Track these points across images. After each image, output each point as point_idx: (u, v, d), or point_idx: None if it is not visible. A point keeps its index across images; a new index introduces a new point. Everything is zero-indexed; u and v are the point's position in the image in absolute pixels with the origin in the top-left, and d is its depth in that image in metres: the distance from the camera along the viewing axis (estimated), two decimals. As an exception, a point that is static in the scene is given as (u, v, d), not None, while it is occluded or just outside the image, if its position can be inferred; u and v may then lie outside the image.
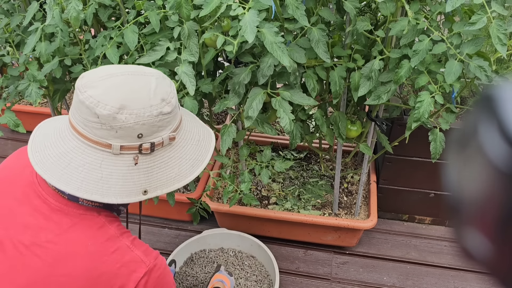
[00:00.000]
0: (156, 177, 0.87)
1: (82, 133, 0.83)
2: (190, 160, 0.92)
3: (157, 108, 0.83)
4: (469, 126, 0.35)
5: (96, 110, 0.79)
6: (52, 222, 0.84)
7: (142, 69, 0.88)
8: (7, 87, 1.44)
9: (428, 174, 1.71)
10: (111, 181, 0.83)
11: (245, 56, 1.19)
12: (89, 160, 0.83)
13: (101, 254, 0.83)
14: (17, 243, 0.82)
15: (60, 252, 0.81)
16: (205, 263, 1.60)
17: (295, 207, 1.74)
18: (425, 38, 1.10)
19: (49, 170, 0.83)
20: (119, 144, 0.82)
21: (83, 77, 0.84)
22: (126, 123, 0.80)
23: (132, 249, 0.85)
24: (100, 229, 0.85)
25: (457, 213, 0.36)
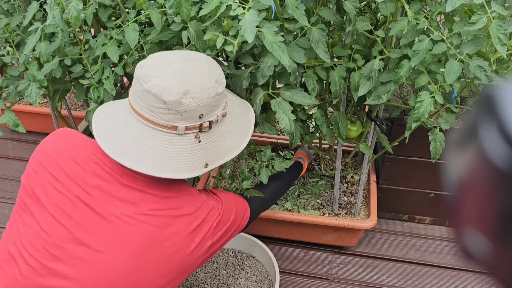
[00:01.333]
0: (213, 151, 0.98)
1: (148, 119, 0.92)
2: (238, 132, 1.04)
3: (213, 89, 0.93)
4: (469, 126, 0.35)
5: (163, 97, 0.88)
6: (148, 194, 0.94)
7: (192, 54, 0.98)
8: (7, 87, 1.44)
9: (428, 174, 1.71)
10: (179, 159, 0.94)
11: (245, 58, 1.19)
12: (157, 142, 0.92)
13: (193, 211, 0.96)
14: (121, 215, 0.91)
15: (164, 217, 0.92)
16: (205, 263, 1.60)
17: (295, 207, 1.74)
18: (425, 38, 1.10)
19: (123, 154, 0.92)
20: (184, 125, 0.92)
21: (142, 66, 0.93)
22: (190, 106, 0.90)
23: (208, 201, 1.01)
24: (187, 193, 0.99)
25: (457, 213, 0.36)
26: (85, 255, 0.88)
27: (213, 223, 1.00)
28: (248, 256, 1.63)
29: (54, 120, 1.69)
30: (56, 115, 1.68)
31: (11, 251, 0.91)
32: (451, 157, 0.36)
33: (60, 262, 0.88)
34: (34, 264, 0.88)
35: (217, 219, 1.01)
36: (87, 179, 0.93)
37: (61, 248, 0.89)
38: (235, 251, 1.65)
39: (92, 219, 0.91)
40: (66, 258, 0.88)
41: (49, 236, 0.89)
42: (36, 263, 0.88)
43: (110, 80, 1.28)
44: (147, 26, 1.31)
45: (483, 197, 0.33)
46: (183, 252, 0.94)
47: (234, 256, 1.63)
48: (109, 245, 0.89)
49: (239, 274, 1.57)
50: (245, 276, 1.56)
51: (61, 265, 0.88)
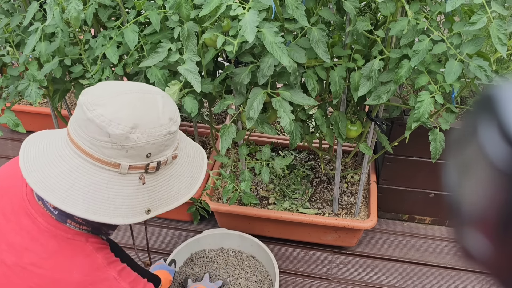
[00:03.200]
0: (159, 195, 0.87)
1: (88, 152, 0.80)
2: (188, 178, 0.93)
3: (166, 127, 0.83)
4: (469, 126, 0.35)
5: (108, 129, 0.77)
6: (38, 244, 0.81)
7: (145, 87, 0.87)
8: (7, 87, 1.44)
9: (428, 174, 1.71)
10: (118, 201, 0.82)
11: (245, 56, 1.19)
12: (95, 180, 0.81)
13: (86, 284, 0.81)
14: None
15: (43, 277, 0.80)
16: (205, 263, 1.60)
17: (293, 206, 1.74)
18: (425, 38, 1.10)
19: (52, 191, 0.80)
20: (127, 164, 0.81)
21: (87, 94, 0.81)
22: (138, 142, 0.79)
23: (118, 281, 0.84)
24: (87, 257, 0.83)
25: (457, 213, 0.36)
26: None
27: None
28: (248, 256, 1.63)
29: (54, 120, 1.69)
30: (56, 115, 1.68)
31: None
32: (451, 157, 0.36)
33: None
34: None
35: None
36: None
37: None
38: (235, 251, 1.65)
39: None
40: None
41: None
42: None
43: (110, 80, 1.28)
44: (147, 26, 1.31)
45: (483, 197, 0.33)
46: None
47: (234, 256, 1.63)
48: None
49: (239, 274, 1.57)
50: (245, 276, 1.56)
51: None
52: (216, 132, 1.54)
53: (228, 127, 1.26)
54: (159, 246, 1.80)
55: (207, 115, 2.20)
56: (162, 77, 1.23)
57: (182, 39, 1.15)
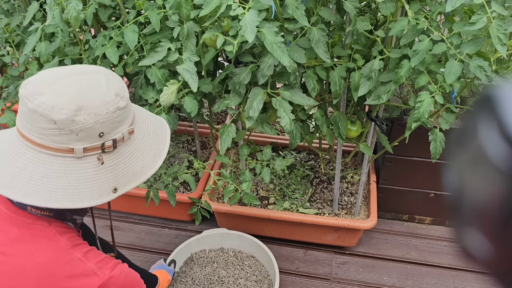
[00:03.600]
0: (122, 173, 0.86)
1: (38, 143, 0.79)
2: (151, 151, 0.92)
3: (113, 103, 0.81)
4: (469, 126, 0.35)
5: (52, 116, 0.76)
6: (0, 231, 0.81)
7: (87, 67, 0.86)
8: (7, 87, 1.44)
9: (428, 174, 1.71)
10: (80, 186, 0.81)
11: (245, 56, 1.19)
12: (52, 169, 0.80)
13: (49, 267, 0.80)
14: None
15: (7, 264, 0.79)
16: (205, 263, 1.60)
17: (293, 206, 1.74)
18: (425, 38, 1.10)
19: (10, 187, 0.79)
20: (81, 147, 0.80)
21: (26, 84, 0.80)
22: (86, 123, 0.78)
23: (84, 262, 0.83)
24: (49, 241, 0.83)
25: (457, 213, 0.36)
26: None
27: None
28: (248, 256, 1.63)
29: (54, 120, 1.69)
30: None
31: None
32: (451, 157, 0.36)
33: None
34: None
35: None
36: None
37: None
38: (235, 251, 1.65)
39: None
40: None
41: None
42: None
43: (110, 80, 1.28)
44: (147, 26, 1.31)
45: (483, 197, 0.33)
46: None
47: (234, 256, 1.63)
48: None
49: (239, 274, 1.57)
50: (245, 276, 1.56)
51: None
52: (216, 132, 1.54)
53: (228, 127, 1.26)
54: (159, 246, 1.80)
55: (207, 115, 2.20)
56: (162, 77, 1.23)
57: (182, 39, 1.15)
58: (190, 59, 1.15)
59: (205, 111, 2.22)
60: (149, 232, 1.85)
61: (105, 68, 0.88)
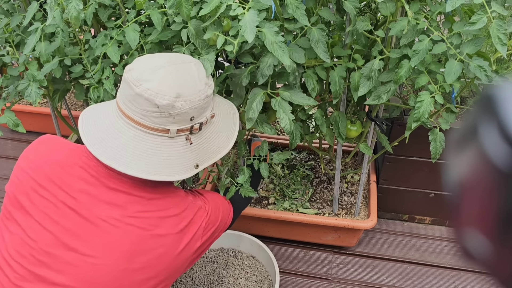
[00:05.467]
0: (203, 151, 1.00)
1: (140, 123, 0.92)
2: (225, 132, 1.06)
3: (204, 92, 0.95)
4: (469, 126, 0.35)
5: (156, 101, 0.88)
6: (134, 196, 0.93)
7: (180, 56, 0.99)
8: (7, 87, 1.44)
9: (428, 174, 1.71)
10: (171, 161, 0.94)
11: (245, 57, 1.19)
12: (150, 146, 0.93)
13: (180, 212, 0.97)
14: (108, 219, 0.91)
15: (151, 218, 0.93)
16: (205, 263, 1.60)
17: (293, 206, 1.74)
18: (425, 38, 1.10)
19: (116, 159, 0.91)
20: (175, 128, 0.93)
21: (131, 70, 0.92)
22: (182, 109, 0.91)
23: (195, 202, 1.02)
24: (174, 194, 0.99)
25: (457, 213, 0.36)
26: (73, 260, 0.87)
27: (202, 223, 1.01)
28: (248, 256, 1.63)
29: (54, 120, 1.69)
30: (56, 115, 1.68)
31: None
32: (451, 157, 0.36)
33: (49, 269, 0.87)
34: (21, 271, 0.87)
35: (205, 219, 1.02)
36: (73, 183, 0.92)
37: (48, 254, 0.87)
38: (235, 251, 1.65)
39: (79, 223, 0.90)
40: (55, 264, 0.87)
41: (35, 243, 0.88)
42: (24, 270, 0.87)
43: (110, 80, 1.28)
44: (147, 26, 1.31)
45: (483, 197, 0.33)
46: (172, 253, 0.94)
47: (234, 256, 1.63)
48: (97, 249, 0.88)
49: (239, 274, 1.57)
50: (245, 276, 1.56)
51: (50, 271, 0.87)
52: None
53: (228, 127, 1.26)
54: (159, 246, 1.79)
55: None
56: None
57: (192, 39, 1.14)
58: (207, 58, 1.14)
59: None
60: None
61: (193, 58, 1.02)
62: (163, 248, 0.93)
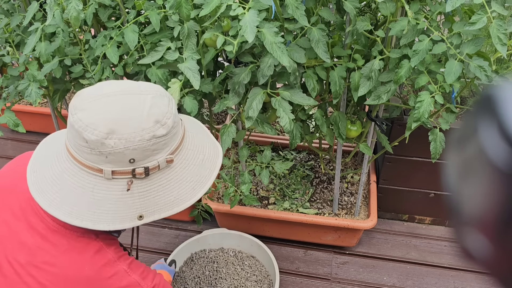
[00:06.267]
0: (153, 201, 0.82)
1: (74, 156, 0.80)
2: (191, 182, 0.86)
3: (149, 131, 0.78)
4: (469, 126, 0.34)
5: (84, 135, 0.76)
6: (48, 242, 0.81)
7: (139, 86, 0.83)
8: (7, 87, 1.44)
9: (428, 174, 1.71)
10: (104, 207, 0.79)
11: (245, 56, 1.19)
12: (81, 184, 0.79)
13: (98, 279, 0.80)
14: (12, 261, 0.81)
15: (56, 275, 0.79)
16: (205, 263, 1.60)
17: (293, 206, 1.74)
18: (425, 38, 1.10)
19: (42, 192, 0.80)
20: (110, 169, 0.78)
21: (77, 96, 0.80)
22: (116, 148, 0.76)
23: (129, 274, 0.83)
24: (98, 253, 0.82)
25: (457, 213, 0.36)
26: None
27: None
28: (248, 256, 1.63)
29: (54, 120, 1.69)
30: (56, 115, 1.68)
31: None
32: (451, 157, 0.36)
33: None
34: None
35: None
36: (1, 212, 0.85)
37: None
38: (235, 251, 1.65)
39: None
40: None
41: None
42: None
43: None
44: (147, 26, 1.31)
45: (483, 197, 0.33)
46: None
47: (234, 256, 1.63)
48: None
49: (239, 274, 1.57)
50: (245, 276, 1.56)
51: None
52: (217, 132, 1.54)
53: (228, 127, 1.26)
54: (159, 246, 1.79)
55: (207, 115, 2.20)
56: (162, 76, 1.23)
57: (182, 38, 1.14)
58: (192, 58, 1.15)
59: (205, 111, 2.22)
60: (149, 232, 1.85)
61: (160, 89, 0.84)
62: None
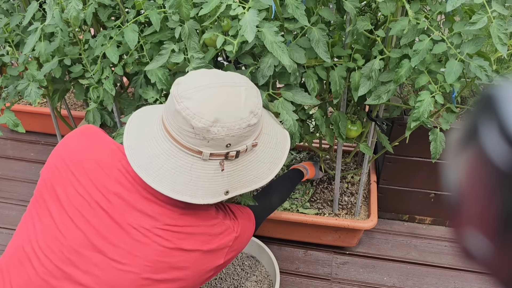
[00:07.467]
0: (237, 179, 0.95)
1: (175, 139, 0.90)
2: (268, 163, 0.99)
3: (246, 120, 0.89)
4: (469, 126, 0.34)
5: (192, 122, 0.86)
6: (166, 209, 0.92)
7: (233, 78, 0.94)
8: (6, 87, 1.44)
9: (429, 174, 1.71)
10: (199, 184, 0.91)
11: (245, 58, 1.19)
12: (180, 163, 0.90)
13: (209, 230, 0.95)
14: (137, 226, 0.90)
15: (179, 233, 0.91)
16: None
17: (293, 206, 1.74)
18: (425, 37, 1.10)
19: (145, 169, 0.90)
20: (209, 152, 0.89)
21: (179, 84, 0.90)
22: (218, 135, 0.87)
23: (224, 222, 0.99)
24: (205, 212, 0.97)
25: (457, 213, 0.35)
26: (100, 263, 0.87)
27: (229, 242, 0.98)
28: (248, 256, 1.63)
29: (53, 120, 1.69)
30: (55, 115, 1.68)
31: (26, 250, 0.90)
32: (452, 157, 0.36)
33: (76, 268, 0.87)
34: (49, 266, 0.87)
35: (232, 240, 0.99)
36: (109, 185, 0.92)
37: (77, 253, 0.88)
38: (235, 251, 1.65)
39: (110, 227, 0.89)
40: (82, 264, 0.87)
41: (66, 240, 0.88)
42: (52, 265, 0.87)
43: (109, 80, 1.28)
44: (147, 26, 1.30)
45: (483, 197, 0.33)
46: (195, 269, 0.93)
47: (234, 256, 1.63)
48: (125, 255, 0.88)
49: (239, 274, 1.57)
50: (245, 276, 1.56)
51: (77, 270, 0.87)
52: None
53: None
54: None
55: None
56: (162, 76, 1.23)
57: (184, 38, 1.14)
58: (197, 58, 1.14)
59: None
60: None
61: (247, 80, 0.97)
62: (187, 263, 0.92)
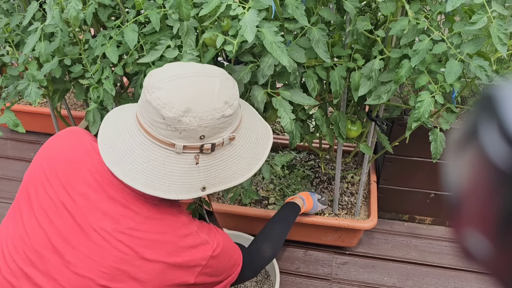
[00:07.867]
0: (215, 174, 0.91)
1: (148, 131, 0.87)
2: (248, 159, 0.95)
3: (219, 111, 0.86)
4: (469, 126, 0.34)
5: (162, 112, 0.83)
6: (131, 210, 0.88)
7: (208, 69, 0.92)
8: (6, 87, 1.44)
9: (429, 174, 1.71)
10: (173, 178, 0.88)
11: (245, 56, 1.19)
12: (153, 157, 0.87)
13: (177, 240, 0.89)
14: (99, 229, 0.87)
15: (142, 239, 0.87)
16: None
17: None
18: (425, 38, 1.10)
19: (117, 164, 0.88)
20: (182, 144, 0.86)
21: (151, 76, 0.88)
22: (190, 125, 0.84)
23: (199, 234, 0.93)
24: (175, 217, 0.92)
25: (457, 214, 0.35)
26: (58, 265, 0.85)
27: (202, 261, 0.91)
28: (248, 256, 1.63)
29: (53, 120, 1.69)
30: (55, 115, 1.68)
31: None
32: (452, 157, 0.36)
33: (35, 268, 0.86)
34: (12, 266, 0.87)
35: (206, 258, 0.92)
36: (76, 185, 0.90)
37: (38, 254, 0.86)
38: (235, 251, 1.64)
39: (71, 228, 0.87)
40: (41, 265, 0.86)
41: (30, 239, 0.87)
42: (14, 265, 0.86)
43: (109, 80, 1.28)
44: (147, 26, 1.30)
45: (483, 197, 0.33)
46: (157, 283, 0.87)
47: (234, 256, 1.63)
48: (82, 259, 0.86)
49: (239, 274, 1.56)
50: (245, 276, 1.56)
51: (36, 271, 0.85)
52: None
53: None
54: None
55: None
56: (162, 77, 1.23)
57: (181, 35, 1.14)
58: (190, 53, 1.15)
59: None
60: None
61: (223, 72, 0.94)
62: (148, 275, 0.87)
